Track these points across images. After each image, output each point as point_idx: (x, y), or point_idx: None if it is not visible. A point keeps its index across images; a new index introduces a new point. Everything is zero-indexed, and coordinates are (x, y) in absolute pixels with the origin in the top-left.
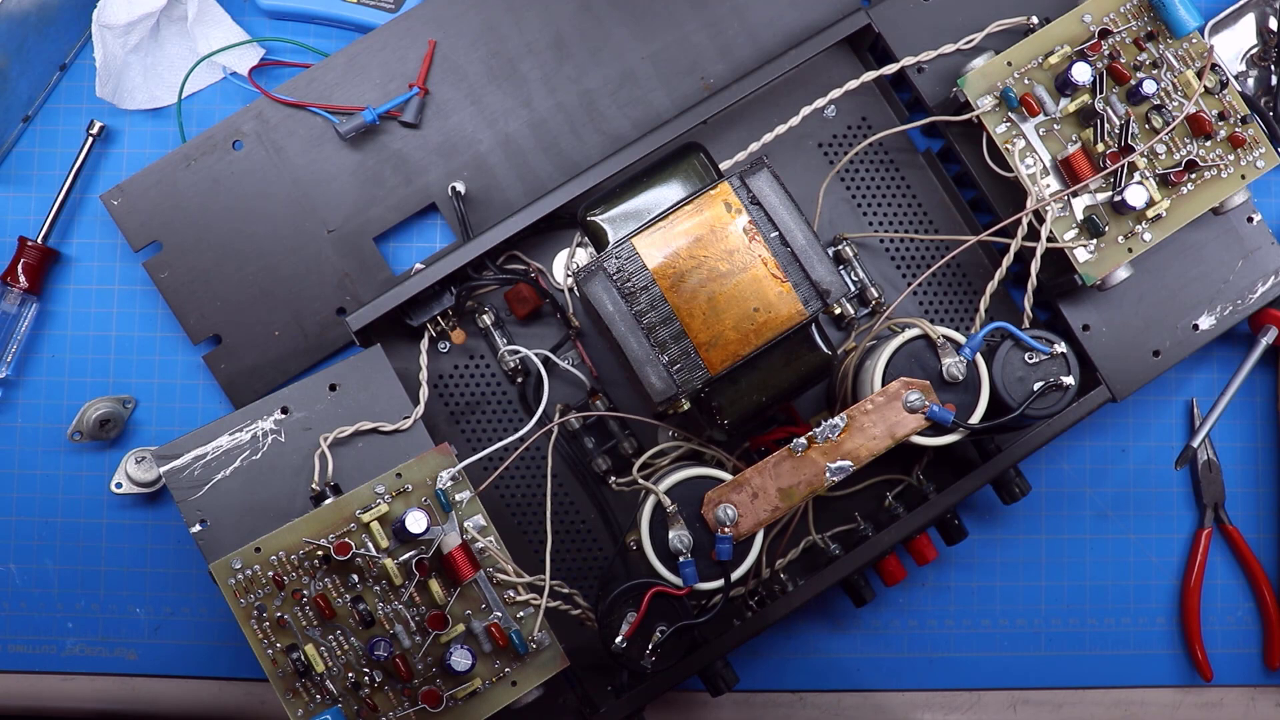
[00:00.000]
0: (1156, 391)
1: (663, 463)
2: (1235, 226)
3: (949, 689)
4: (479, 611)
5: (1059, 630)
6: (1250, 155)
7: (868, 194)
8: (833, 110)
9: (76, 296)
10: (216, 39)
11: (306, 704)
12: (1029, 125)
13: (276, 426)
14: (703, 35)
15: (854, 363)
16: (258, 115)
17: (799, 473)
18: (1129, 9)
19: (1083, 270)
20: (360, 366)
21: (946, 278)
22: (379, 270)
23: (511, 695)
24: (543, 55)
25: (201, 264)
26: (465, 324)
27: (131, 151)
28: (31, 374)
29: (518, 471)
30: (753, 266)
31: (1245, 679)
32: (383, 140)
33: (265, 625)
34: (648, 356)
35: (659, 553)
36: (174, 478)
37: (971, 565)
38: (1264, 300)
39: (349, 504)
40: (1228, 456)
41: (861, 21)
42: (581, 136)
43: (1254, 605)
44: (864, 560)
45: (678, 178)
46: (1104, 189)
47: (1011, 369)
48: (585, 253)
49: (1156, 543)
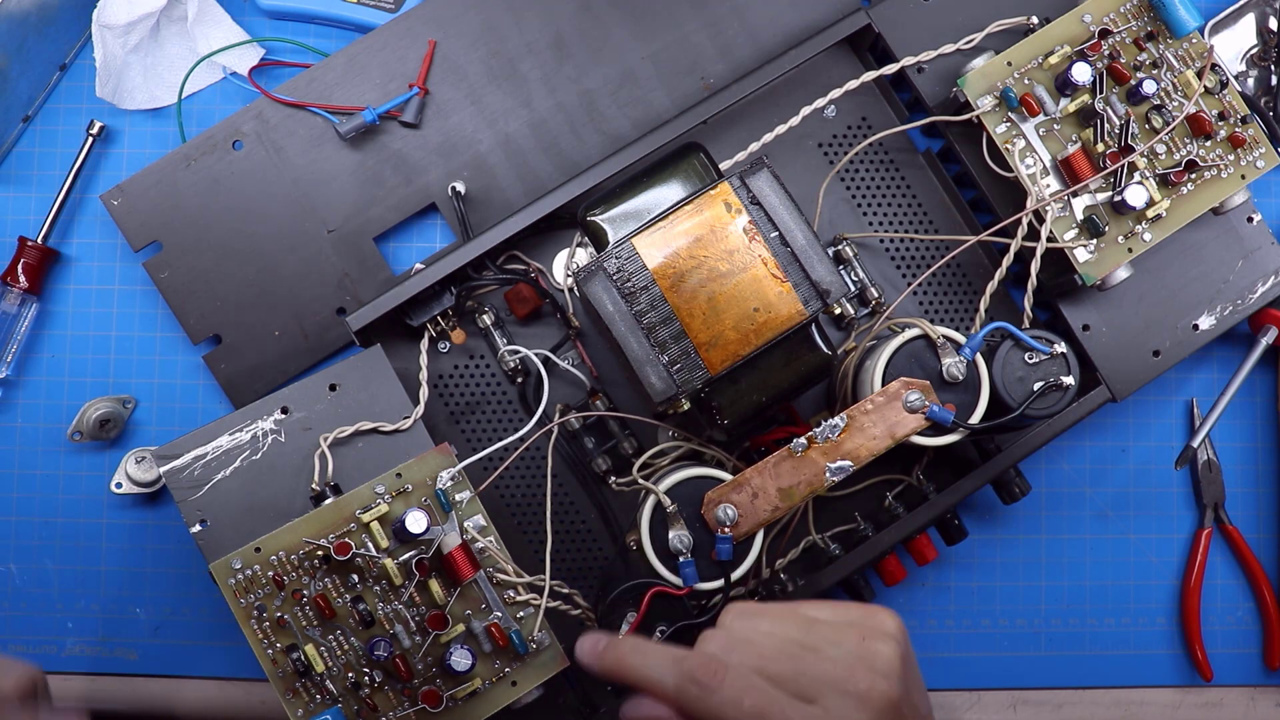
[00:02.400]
0: (1156, 391)
1: (663, 463)
2: (1235, 226)
3: (949, 689)
4: (479, 611)
5: (1059, 630)
6: (1250, 155)
7: (868, 194)
8: (833, 110)
9: (76, 296)
10: (216, 39)
11: (306, 704)
12: (1029, 125)
13: (276, 426)
14: (703, 35)
15: (854, 363)
16: (258, 115)
17: (799, 473)
18: (1129, 9)
19: (1083, 270)
20: (360, 366)
21: (946, 278)
22: (379, 270)
23: (511, 695)
24: (543, 55)
25: (201, 264)
26: (465, 324)
27: (131, 151)
28: (31, 374)
29: (518, 471)
30: (753, 266)
31: (1245, 679)
32: (383, 140)
33: (265, 625)
34: (648, 356)
35: (659, 553)
36: (174, 478)
37: (971, 565)
38: (1264, 300)
39: (349, 504)
40: (1228, 456)
41: (861, 21)
42: (581, 136)
43: (1254, 605)
44: (864, 560)
45: (678, 178)
46: (1104, 189)
47: (1011, 369)
48: (585, 253)
49: (1156, 543)
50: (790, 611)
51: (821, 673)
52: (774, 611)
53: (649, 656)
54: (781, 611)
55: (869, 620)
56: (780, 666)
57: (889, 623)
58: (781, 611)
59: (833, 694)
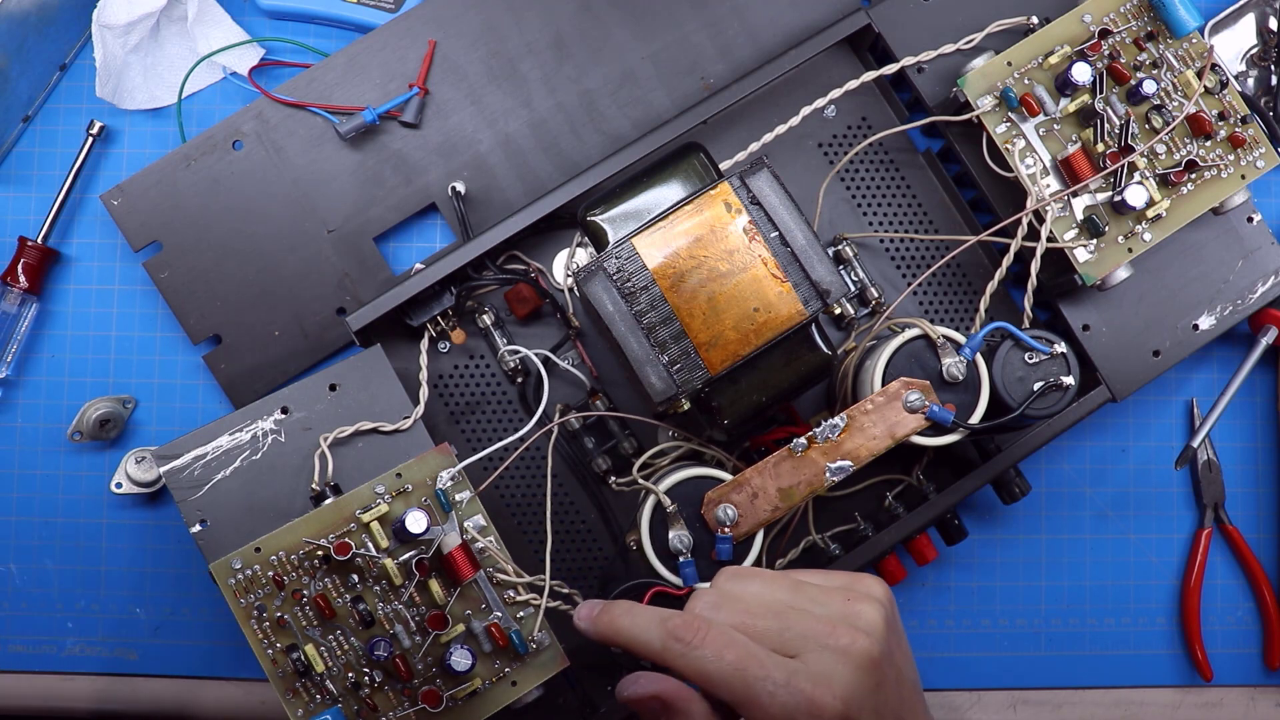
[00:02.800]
0: (1156, 391)
1: (663, 463)
2: (1235, 226)
3: (949, 689)
4: (479, 611)
5: (1059, 630)
6: (1250, 155)
7: (868, 194)
8: (833, 110)
9: (76, 296)
10: (216, 39)
11: (306, 704)
12: (1029, 125)
13: (276, 426)
14: (703, 35)
15: (854, 363)
16: (258, 115)
17: (799, 473)
18: (1129, 9)
19: (1083, 270)
20: (360, 366)
21: (946, 278)
22: (379, 270)
23: (511, 695)
24: (543, 55)
25: (201, 264)
26: (465, 324)
27: (131, 151)
28: (31, 374)
29: (518, 471)
30: (753, 266)
31: (1245, 679)
32: (383, 140)
33: (265, 625)
34: (648, 356)
35: (659, 553)
36: (174, 478)
37: (971, 565)
38: (1264, 300)
39: (349, 504)
40: (1228, 456)
41: (861, 21)
42: (581, 136)
43: (1254, 605)
44: (864, 560)
45: (678, 178)
46: (1104, 189)
47: (1011, 369)
48: (585, 253)
49: (1156, 543)
50: (782, 575)
51: (805, 629)
52: (766, 575)
53: (638, 617)
54: (773, 576)
55: (856, 585)
56: (764, 623)
57: (875, 588)
58: (773, 576)
59: (814, 648)
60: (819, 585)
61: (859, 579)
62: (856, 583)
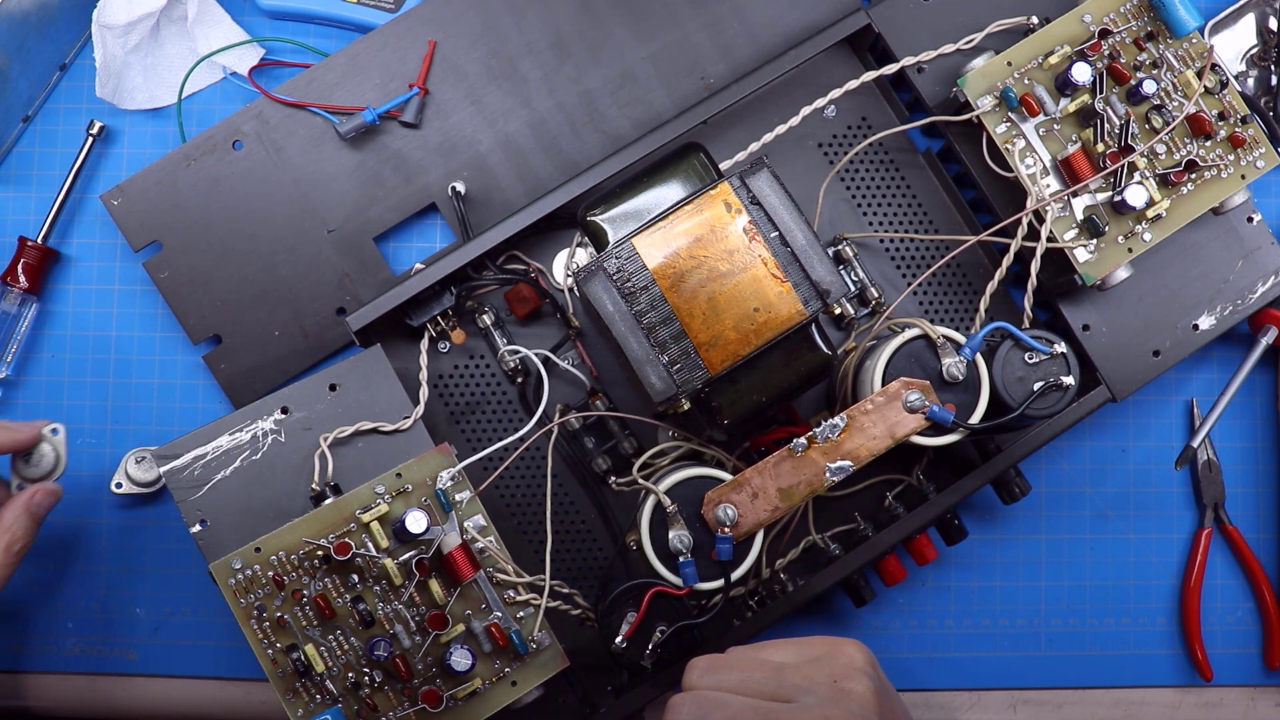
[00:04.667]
0: (1156, 391)
1: (663, 463)
2: (1235, 226)
3: (949, 689)
4: (479, 611)
5: (1059, 630)
6: (1250, 155)
7: (868, 194)
8: (833, 110)
9: (76, 296)
10: (216, 39)
11: (306, 704)
12: (1029, 125)
13: (276, 426)
14: (703, 35)
15: (854, 363)
16: (258, 115)
17: (799, 473)
18: (1129, 9)
19: (1083, 270)
20: (360, 366)
21: (946, 278)
22: (379, 270)
23: (511, 695)
24: (543, 55)
25: (201, 264)
26: (465, 324)
27: (131, 151)
28: (31, 374)
29: (518, 471)
30: (753, 266)
31: (1245, 679)
32: (383, 140)
33: (265, 625)
34: (648, 356)
35: (659, 553)
36: (174, 478)
37: (971, 565)
38: (1264, 300)
39: (349, 504)
40: (1228, 456)
41: (861, 21)
42: (581, 136)
43: (1254, 605)
44: (864, 560)
45: (678, 178)
46: (1104, 189)
47: (1011, 369)
48: (585, 253)
49: (1156, 543)
50: (755, 661)
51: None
52: (739, 663)
53: None
54: (746, 662)
55: (837, 657)
56: None
57: (857, 657)
58: (746, 662)
59: None
60: (798, 665)
61: (837, 648)
62: (836, 654)
